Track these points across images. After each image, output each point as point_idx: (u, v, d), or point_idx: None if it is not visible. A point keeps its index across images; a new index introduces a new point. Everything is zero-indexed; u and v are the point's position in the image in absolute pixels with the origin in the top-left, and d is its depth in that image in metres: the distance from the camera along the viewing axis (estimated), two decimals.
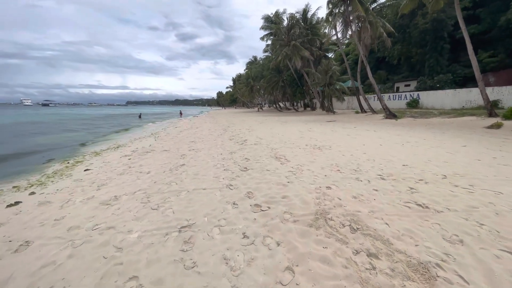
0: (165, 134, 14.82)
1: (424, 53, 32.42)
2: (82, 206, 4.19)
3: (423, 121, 16.82)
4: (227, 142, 10.14)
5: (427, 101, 25.38)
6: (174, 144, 10.60)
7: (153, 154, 8.50)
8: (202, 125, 21.13)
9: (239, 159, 6.87)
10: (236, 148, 8.69)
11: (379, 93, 20.99)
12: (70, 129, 22.66)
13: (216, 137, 12.17)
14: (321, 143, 8.84)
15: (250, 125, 17.74)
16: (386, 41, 23.49)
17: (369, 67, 20.90)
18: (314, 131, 12.73)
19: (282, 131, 12.96)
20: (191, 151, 8.55)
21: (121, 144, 12.16)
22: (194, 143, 10.52)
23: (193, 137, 12.41)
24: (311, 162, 6.03)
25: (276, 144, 8.87)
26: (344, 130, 12.73)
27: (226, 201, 3.98)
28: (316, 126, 15.50)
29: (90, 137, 16.52)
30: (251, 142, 9.71)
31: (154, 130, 20.46)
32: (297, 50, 29.36)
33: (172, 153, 8.39)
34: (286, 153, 7.16)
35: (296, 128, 14.31)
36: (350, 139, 9.68)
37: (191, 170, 5.99)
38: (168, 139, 12.52)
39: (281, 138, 10.33)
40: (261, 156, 7.04)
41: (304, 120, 21.40)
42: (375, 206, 3.52)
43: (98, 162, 8.01)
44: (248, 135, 11.99)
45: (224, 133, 13.41)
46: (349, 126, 15.56)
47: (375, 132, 11.96)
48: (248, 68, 60.16)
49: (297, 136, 10.77)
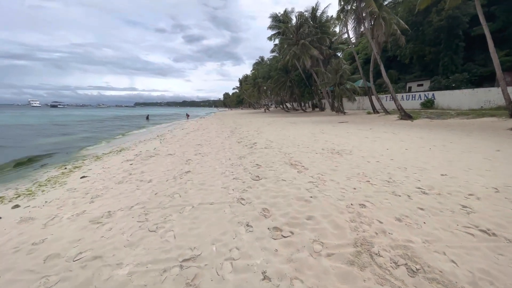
0: (171, 137, 14.25)
1: (438, 51, 31.21)
2: (69, 224, 3.55)
3: (441, 122, 15.86)
4: (235, 145, 9.46)
5: (442, 101, 24.24)
6: (180, 147, 9.98)
7: (157, 159, 7.88)
8: (209, 126, 20.54)
9: (250, 165, 6.17)
10: (245, 152, 7.99)
11: (394, 93, 20.03)
12: (75, 131, 22.40)
13: (224, 139, 11.51)
14: (339, 147, 8.06)
15: (258, 127, 17.05)
16: (400, 39, 22.51)
17: (382, 66, 19.97)
18: (328, 133, 11.95)
19: (293, 133, 12.22)
20: (197, 156, 7.89)
21: (124, 147, 11.62)
22: (201, 146, 9.87)
23: (200, 140, 11.79)
24: (333, 170, 5.28)
25: (289, 148, 8.13)
26: (360, 132, 11.90)
27: (238, 221, 3.28)
28: (328, 128, 14.70)
29: (94, 139, 16.11)
30: (261, 145, 9.00)
31: (161, 132, 19.98)
32: (306, 49, 28.55)
33: (177, 158, 7.76)
34: (302, 159, 6.42)
35: (307, 130, 13.55)
36: (370, 142, 8.88)
37: (197, 179, 5.31)
38: (173, 141, 11.93)
39: (293, 141, 9.59)
40: (274, 162, 6.32)
41: (314, 121, 20.59)
42: (429, 233, 2.76)
43: (98, 167, 7.43)
44: (257, 137, 11.30)
45: (232, 135, 12.75)
46: (364, 127, 14.71)
47: (394, 134, 11.11)
48: (255, 68, 59.57)
49: (310, 139, 10.02)
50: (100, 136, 17.93)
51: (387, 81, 19.93)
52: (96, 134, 19.88)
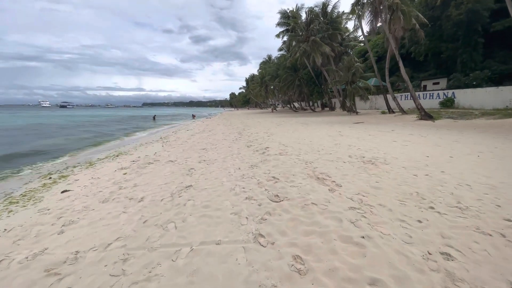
0: (174, 139, 13.21)
1: (456, 48, 29.46)
2: (14, 276, 2.46)
3: (467, 123, 14.49)
4: (245, 150, 8.32)
5: (464, 100, 22.66)
6: (183, 152, 8.90)
7: (156, 167, 6.80)
8: (215, 127, 19.46)
9: (264, 178, 5.01)
10: (257, 159, 6.84)
11: (413, 91, 18.63)
12: (77, 132, 21.66)
13: (231, 142, 10.38)
14: (369, 153, 6.81)
15: (268, 128, 15.87)
16: (419, 33, 21.07)
17: (401, 62, 18.57)
18: (347, 135, 10.69)
19: (308, 136, 11.01)
20: (201, 164, 6.77)
21: (123, 151, 10.62)
22: (206, 151, 8.76)
23: (205, 143, 10.69)
24: (375, 188, 4.06)
25: (309, 155, 6.93)
26: (383, 135, 10.61)
27: (260, 284, 2.12)
28: (345, 129, 13.42)
29: (94, 141, 15.22)
30: (274, 150, 7.82)
31: (165, 133, 19.02)
32: (317, 46, 27.21)
33: (178, 166, 6.66)
34: (330, 171, 5.22)
35: (323, 132, 12.31)
36: (401, 147, 7.61)
37: (199, 198, 4.18)
38: (177, 144, 10.88)
39: (311, 146, 8.38)
40: (294, 174, 5.13)
41: (327, 122, 19.30)
42: None
43: (86, 177, 6.39)
44: (268, 140, 10.13)
45: (240, 138, 11.61)
46: (384, 128, 13.39)
47: (423, 137, 9.79)
48: (262, 67, 58.35)
49: (330, 143, 8.80)
50: (101, 138, 17.05)
51: (406, 78, 18.55)
52: (98, 136, 19.04)
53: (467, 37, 27.67)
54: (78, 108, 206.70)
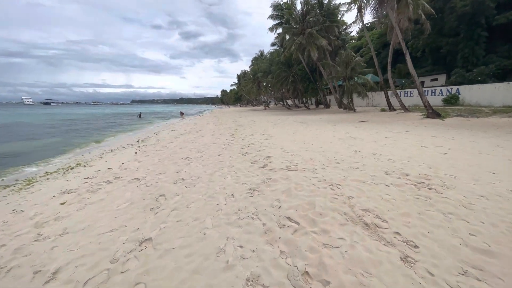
0: (153, 142, 11.08)
1: (457, 42, 28.26)
2: None
3: (480, 122, 13.11)
4: (239, 161, 6.37)
5: (469, 96, 21.38)
6: (158, 163, 6.87)
7: (112, 190, 4.78)
8: (204, 127, 17.35)
9: (274, 218, 3.09)
10: (256, 176, 4.91)
11: (420, 87, 17.07)
12: (46, 134, 19.11)
13: (222, 148, 8.39)
14: (408, 167, 4.94)
15: (264, 128, 13.94)
16: (425, 24, 19.53)
17: (409, 55, 16.95)
18: (360, 137, 8.87)
19: (314, 138, 9.14)
20: (178, 185, 4.79)
21: (85, 160, 8.45)
22: (188, 161, 6.75)
23: (189, 149, 8.65)
24: (486, 254, 2.21)
25: (329, 171, 5.01)
26: (403, 137, 8.82)
27: None
28: (351, 130, 11.64)
29: (61, 146, 12.89)
30: (278, 162, 5.90)
31: (145, 134, 16.79)
32: (313, 39, 25.34)
33: (144, 190, 4.65)
34: (376, 205, 3.31)
35: (329, 133, 10.47)
36: (442, 157, 5.80)
37: (158, 274, 2.24)
38: (153, 151, 8.81)
39: (324, 154, 6.49)
40: (321, 213, 3.19)
41: (327, 120, 17.51)
42: None
43: (4, 210, 4.30)
44: (268, 145, 8.21)
45: (233, 142, 9.64)
46: (397, 128, 11.68)
47: (451, 140, 8.05)
48: (254, 63, 56.17)
49: (346, 149, 6.94)
50: (71, 142, 14.66)
51: (413, 73, 16.95)
52: (70, 138, 16.62)
53: (470, 31, 26.45)
54: (63, 106, 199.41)
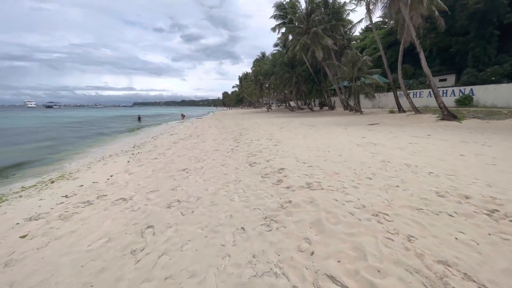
0: (150, 149, 10.10)
1: (467, 41, 27.26)
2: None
3: (502, 124, 12.21)
4: (247, 174, 5.38)
5: (484, 97, 20.33)
6: (152, 175, 5.89)
7: (89, 216, 3.80)
8: (205, 131, 16.39)
9: (307, 271, 2.12)
10: (271, 198, 3.91)
11: (435, 88, 16.07)
12: (40, 138, 18.24)
13: (226, 157, 7.41)
14: (463, 186, 3.91)
15: (270, 132, 12.95)
16: (439, 21, 18.47)
17: (423, 53, 15.94)
18: (380, 143, 7.85)
19: (328, 144, 8.13)
20: (172, 209, 3.79)
21: (68, 171, 7.45)
22: (187, 174, 5.76)
23: (189, 157, 7.68)
24: None
25: (363, 190, 3.97)
26: (430, 143, 7.78)
27: None
28: (366, 133, 10.61)
29: (47, 152, 11.94)
30: (295, 176, 4.88)
31: (144, 138, 15.86)
32: (319, 38, 24.38)
33: (129, 217, 3.67)
34: (456, 254, 2.32)
35: (343, 138, 9.45)
36: (494, 170, 4.80)
37: None
38: (148, 159, 7.84)
39: (348, 165, 5.47)
40: (379, 268, 2.21)
41: (335, 123, 16.50)
42: None
43: None
44: (278, 153, 7.21)
45: (237, 148, 8.66)
46: (416, 132, 10.62)
47: (487, 146, 7.04)
48: (256, 65, 55.38)
49: (371, 158, 5.93)
50: (61, 148, 13.69)
51: (428, 72, 15.94)
52: (63, 144, 15.70)
53: (481, 29, 25.45)
54: (65, 108, 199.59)
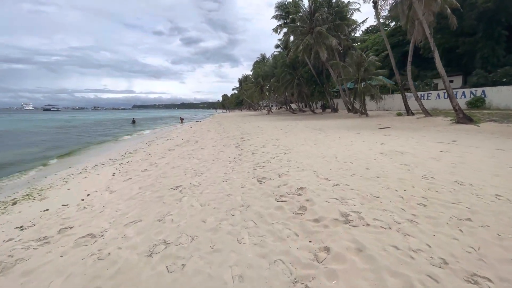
0: (141, 157, 8.90)
1: (475, 42, 26.36)
2: None
3: None
4: (256, 194, 4.23)
5: (497, 99, 19.35)
6: (137, 195, 4.73)
7: (32, 269, 2.65)
8: (205, 136, 15.22)
9: None
10: (298, 244, 2.76)
11: (451, 89, 15.02)
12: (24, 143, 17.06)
13: (228, 168, 6.25)
14: None
15: (276, 137, 11.80)
16: (451, 19, 17.44)
17: (437, 52, 14.89)
18: (406, 151, 6.72)
19: (345, 152, 6.99)
20: (154, 259, 2.63)
21: (39, 188, 6.28)
22: (181, 194, 4.59)
23: (184, 169, 6.51)
24: None
25: (431, 231, 2.81)
26: (467, 152, 6.66)
27: None
28: (383, 139, 9.46)
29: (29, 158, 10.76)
30: (321, 201, 3.71)
31: (135, 144, 14.68)
32: (323, 38, 23.38)
33: (89, 274, 2.53)
34: None
35: (360, 144, 8.32)
36: None
37: None
38: (137, 171, 6.67)
39: (386, 184, 4.31)
40: None
41: (343, 126, 15.38)
42: None
43: None
44: (290, 164, 6.07)
45: (240, 157, 7.51)
46: (441, 138, 9.48)
47: None
48: (256, 67, 54.41)
49: (407, 173, 4.79)
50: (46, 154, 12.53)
51: (442, 72, 14.88)
52: (48, 149, 14.53)
53: (490, 29, 24.59)
54: (63, 111, 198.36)
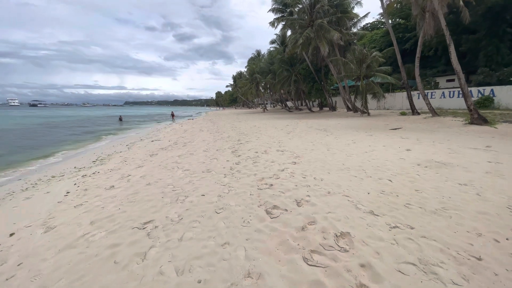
0: (111, 167, 7.19)
1: (478, 39, 25.43)
2: None
3: None
4: (269, 244, 2.69)
5: (507, 99, 18.36)
6: (83, 237, 3.13)
7: None
8: (196, 137, 13.54)
9: None
10: None
11: (466, 87, 13.67)
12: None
13: (222, 186, 4.65)
14: None
15: (277, 139, 10.26)
16: (464, 13, 16.17)
17: (453, 46, 13.54)
18: (451, 163, 5.29)
19: (374, 165, 5.51)
20: None
21: None
22: (148, 241, 3.00)
23: (163, 187, 4.87)
24: None
25: None
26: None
27: None
28: (404, 143, 8.02)
29: None
30: (388, 268, 2.27)
31: (114, 146, 12.89)
32: (324, 31, 21.87)
33: None
34: None
35: (383, 151, 6.87)
36: None
37: None
38: (101, 189, 5.02)
39: (462, 221, 2.87)
40: None
41: (349, 127, 13.94)
42: None
43: None
44: (307, 182, 4.54)
45: (238, 166, 5.94)
46: (474, 143, 8.07)
47: None
48: (250, 64, 52.64)
49: (480, 201, 3.34)
50: (9, 159, 10.71)
51: (458, 68, 13.53)
52: (15, 152, 12.65)
53: (494, 26, 23.64)
54: (51, 107, 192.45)
